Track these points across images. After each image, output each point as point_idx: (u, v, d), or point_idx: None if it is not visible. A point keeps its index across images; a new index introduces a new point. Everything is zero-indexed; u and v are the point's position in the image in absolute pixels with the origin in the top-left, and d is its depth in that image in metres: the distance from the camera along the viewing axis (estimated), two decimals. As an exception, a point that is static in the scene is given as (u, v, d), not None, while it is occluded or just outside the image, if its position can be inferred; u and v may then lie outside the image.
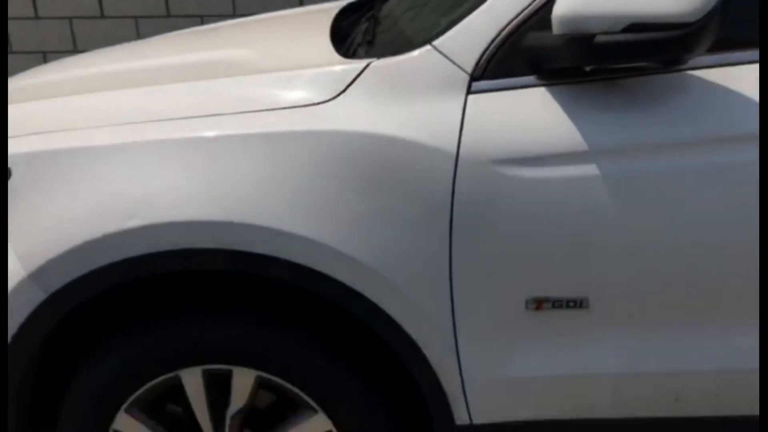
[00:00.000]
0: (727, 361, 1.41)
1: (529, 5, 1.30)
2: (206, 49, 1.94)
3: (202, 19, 3.38)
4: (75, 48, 3.50)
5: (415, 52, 1.38)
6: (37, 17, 3.58)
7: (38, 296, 1.39)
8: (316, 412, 1.49)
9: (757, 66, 1.31)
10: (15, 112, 1.57)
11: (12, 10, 3.48)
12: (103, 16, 3.56)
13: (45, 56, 3.54)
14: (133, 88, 1.58)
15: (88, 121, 1.48)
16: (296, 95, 1.41)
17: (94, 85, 1.69)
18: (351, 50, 1.64)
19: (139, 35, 3.43)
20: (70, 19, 3.58)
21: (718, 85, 1.30)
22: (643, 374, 1.43)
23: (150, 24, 3.45)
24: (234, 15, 3.37)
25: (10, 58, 3.55)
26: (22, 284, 1.39)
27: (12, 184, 1.41)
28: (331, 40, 1.68)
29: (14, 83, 1.94)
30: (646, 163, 1.31)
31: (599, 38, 1.21)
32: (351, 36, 1.79)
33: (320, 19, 1.94)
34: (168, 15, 3.51)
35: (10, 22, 3.53)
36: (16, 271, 1.39)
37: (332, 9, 2.05)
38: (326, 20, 1.89)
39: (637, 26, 1.20)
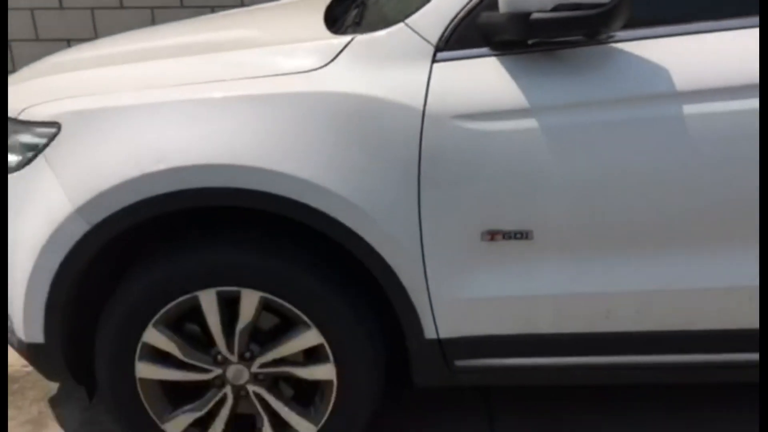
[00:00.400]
0: (646, 283, 1.71)
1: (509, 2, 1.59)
2: (218, 30, 2.26)
3: (213, 9, 3.68)
4: (96, 36, 3.81)
5: (391, 28, 1.69)
6: (61, 8, 3.90)
7: (83, 228, 1.70)
8: (309, 327, 1.80)
9: (667, 39, 1.62)
10: (60, 80, 1.91)
11: (39, 0, 3.81)
12: (122, 7, 3.88)
13: (69, 43, 3.86)
14: (157, 60, 1.90)
15: (121, 86, 1.80)
16: (293, 64, 1.72)
17: (123, 59, 2.01)
18: (341, 29, 1.94)
19: (155, 24, 3.74)
20: (92, 9, 3.90)
21: (635, 55, 1.61)
22: (578, 294, 1.74)
23: (165, 14, 3.77)
24: (243, 5, 3.69)
25: (37, 45, 3.88)
26: (70, 218, 1.70)
27: (61, 135, 1.73)
28: (324, 22, 2.00)
29: (54, 59, 2.27)
30: (577, 117, 1.61)
31: (534, 15, 1.51)
32: (341, 19, 2.10)
33: (315, 6, 2.25)
34: (182, 6, 3.82)
35: (37, 12, 3.85)
36: (64, 207, 1.70)
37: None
38: (320, 7, 2.20)
39: (563, 6, 1.50)
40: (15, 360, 2.57)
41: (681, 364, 1.81)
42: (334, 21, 2.06)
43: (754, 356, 1.75)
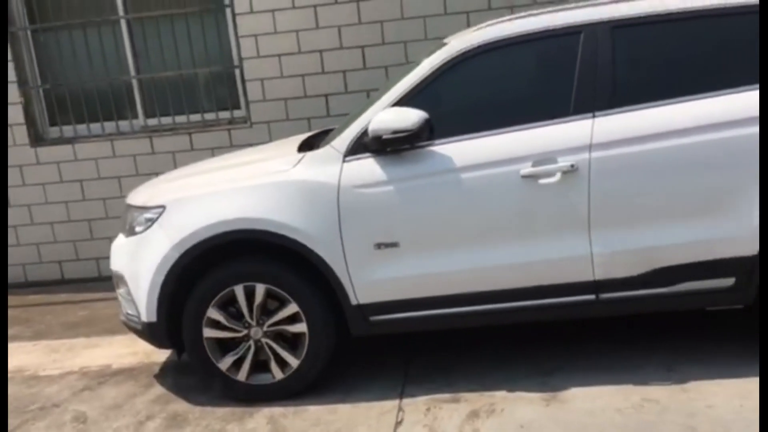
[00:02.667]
0: (461, 265, 3.33)
1: (362, 128, 3.35)
2: (244, 156, 4.11)
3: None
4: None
5: (323, 148, 3.47)
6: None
7: (176, 255, 3.45)
8: (291, 302, 3.46)
9: (454, 144, 3.33)
10: (162, 188, 3.74)
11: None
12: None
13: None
14: (209, 173, 3.73)
15: (193, 187, 3.61)
16: (279, 167, 3.49)
17: (191, 175, 3.84)
18: (302, 151, 3.71)
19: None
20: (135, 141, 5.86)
21: (437, 151, 3.31)
22: (426, 274, 3.36)
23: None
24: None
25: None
26: (169, 251, 3.45)
27: (166, 211, 3.52)
28: (297, 149, 3.79)
29: (154, 181, 4.13)
30: (410, 183, 3.30)
31: (383, 137, 3.26)
32: (304, 147, 3.87)
33: (294, 141, 4.07)
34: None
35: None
36: (167, 246, 3.45)
37: (301, 137, 4.19)
38: (296, 142, 4.02)
39: (396, 132, 3.24)
40: (129, 360, 4.28)
41: (490, 311, 3.38)
42: (303, 148, 3.85)
43: (533, 302, 3.33)
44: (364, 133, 3.37)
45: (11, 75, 5.92)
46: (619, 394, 3.25)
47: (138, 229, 3.65)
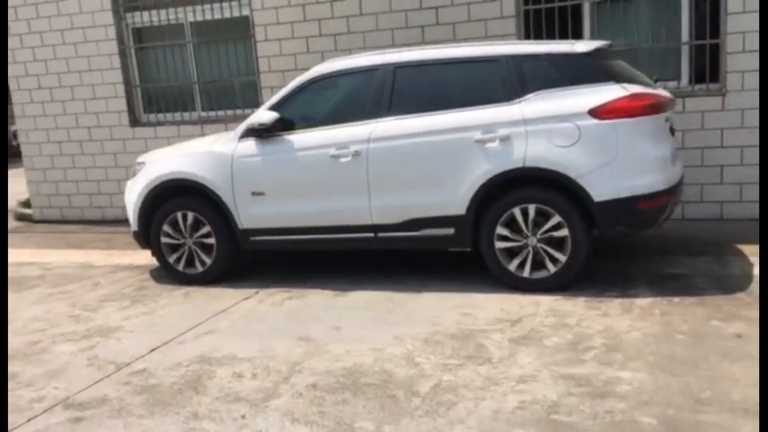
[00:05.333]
0: (308, 209, 5.46)
1: (249, 124, 5.58)
2: (201, 139, 6.49)
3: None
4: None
5: (231, 133, 5.76)
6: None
7: (148, 190, 5.90)
8: (206, 225, 5.77)
9: (302, 134, 5.48)
10: (151, 154, 6.23)
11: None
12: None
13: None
14: (174, 147, 6.16)
15: (161, 153, 6.06)
16: (206, 144, 5.84)
17: (165, 148, 6.28)
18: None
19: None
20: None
21: (289, 138, 5.47)
22: (280, 213, 5.53)
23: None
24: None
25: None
26: (145, 187, 5.91)
27: (145, 165, 6.00)
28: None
29: (154, 153, 6.64)
30: (274, 155, 5.48)
31: (255, 128, 5.49)
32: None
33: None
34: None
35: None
36: (144, 185, 5.92)
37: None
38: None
39: (261, 125, 5.45)
40: (145, 262, 6.83)
41: (317, 239, 5.48)
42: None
43: (340, 235, 5.40)
44: (247, 126, 5.61)
45: (119, 77, 8.76)
46: (379, 296, 5.21)
47: (135, 175, 6.15)
